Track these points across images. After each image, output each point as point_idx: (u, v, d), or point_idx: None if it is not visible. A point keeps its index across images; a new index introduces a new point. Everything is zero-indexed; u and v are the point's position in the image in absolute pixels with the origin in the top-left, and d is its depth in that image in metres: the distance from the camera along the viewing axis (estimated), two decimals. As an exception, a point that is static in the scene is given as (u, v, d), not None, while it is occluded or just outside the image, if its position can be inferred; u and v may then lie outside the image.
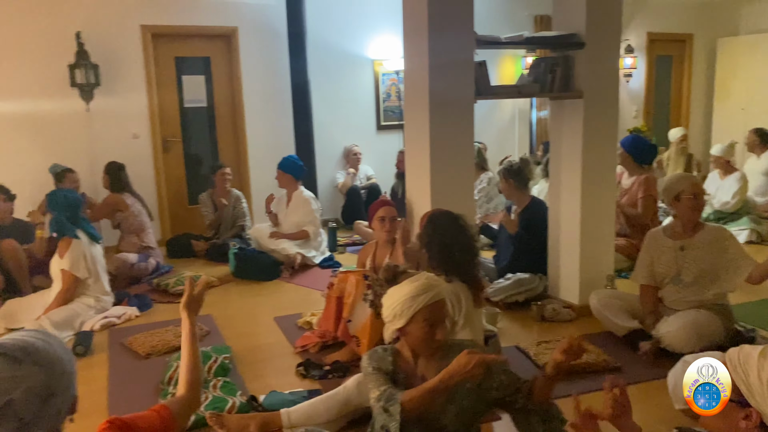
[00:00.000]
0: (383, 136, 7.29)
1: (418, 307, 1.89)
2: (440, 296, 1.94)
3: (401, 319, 1.92)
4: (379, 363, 1.97)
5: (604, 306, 3.64)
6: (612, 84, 3.97)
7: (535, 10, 7.87)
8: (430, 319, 1.90)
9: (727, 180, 6.10)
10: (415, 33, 3.43)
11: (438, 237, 2.68)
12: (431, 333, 1.90)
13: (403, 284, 1.94)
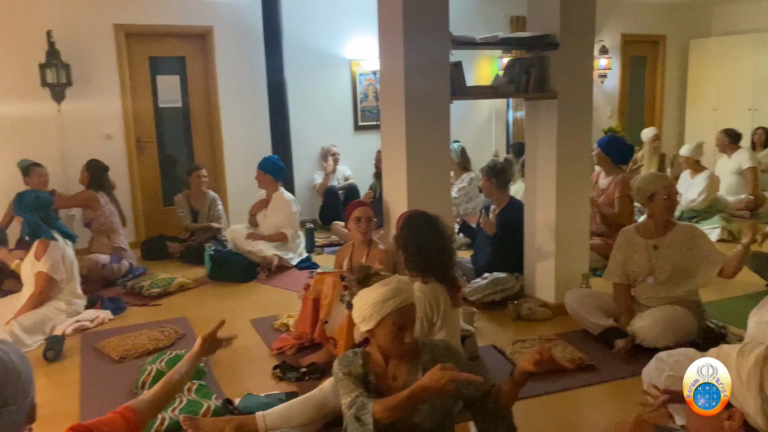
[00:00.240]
0: (361, 137, 7.28)
1: (387, 311, 1.89)
2: (409, 300, 1.94)
3: (370, 321, 1.92)
4: (350, 367, 1.97)
5: (579, 305, 3.67)
6: (586, 85, 4.01)
7: (511, 11, 7.92)
8: (399, 323, 1.90)
9: (697, 179, 6.21)
10: (390, 34, 3.42)
11: (415, 239, 2.68)
12: (400, 337, 1.90)
13: (374, 287, 1.94)
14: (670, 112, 9.77)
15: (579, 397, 3.03)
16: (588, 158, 4.19)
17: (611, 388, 3.10)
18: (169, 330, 3.83)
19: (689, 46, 9.44)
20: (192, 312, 4.28)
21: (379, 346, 1.96)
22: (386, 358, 1.99)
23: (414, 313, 1.96)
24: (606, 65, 8.78)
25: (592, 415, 2.92)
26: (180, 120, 6.62)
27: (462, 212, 6.04)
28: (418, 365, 1.96)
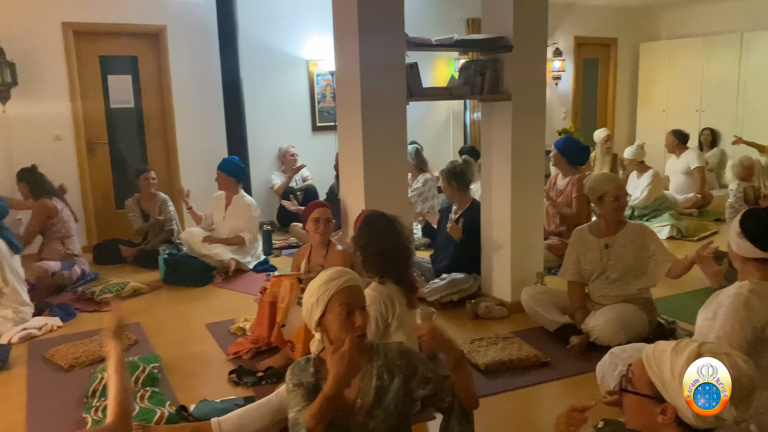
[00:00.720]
0: (319, 137, 7.24)
1: (333, 291, 1.89)
2: (354, 282, 1.94)
3: (318, 307, 1.91)
4: (300, 377, 1.95)
5: (535, 302, 3.73)
6: (539, 86, 4.08)
7: (468, 13, 7.99)
8: (347, 304, 1.89)
9: (642, 178, 6.39)
10: (345, 35, 3.41)
11: (374, 240, 2.67)
12: (350, 320, 1.88)
13: (318, 276, 1.94)
14: (621, 113, 10.02)
15: (536, 393, 3.08)
16: (541, 159, 4.25)
17: (567, 384, 3.15)
18: (122, 336, 3.72)
19: (639, 49, 9.70)
20: (146, 317, 4.18)
21: (332, 340, 1.93)
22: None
23: (362, 296, 1.95)
24: (560, 67, 8.95)
25: (549, 411, 2.96)
26: (133, 121, 6.46)
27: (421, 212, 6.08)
28: (372, 369, 1.94)
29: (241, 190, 5.36)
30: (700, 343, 1.46)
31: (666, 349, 1.47)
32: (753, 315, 2.19)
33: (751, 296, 2.21)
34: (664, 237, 5.89)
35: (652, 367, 1.47)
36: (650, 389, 1.47)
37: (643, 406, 1.48)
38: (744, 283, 2.27)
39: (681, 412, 1.43)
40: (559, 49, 8.91)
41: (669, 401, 1.44)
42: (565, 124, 9.21)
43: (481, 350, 3.40)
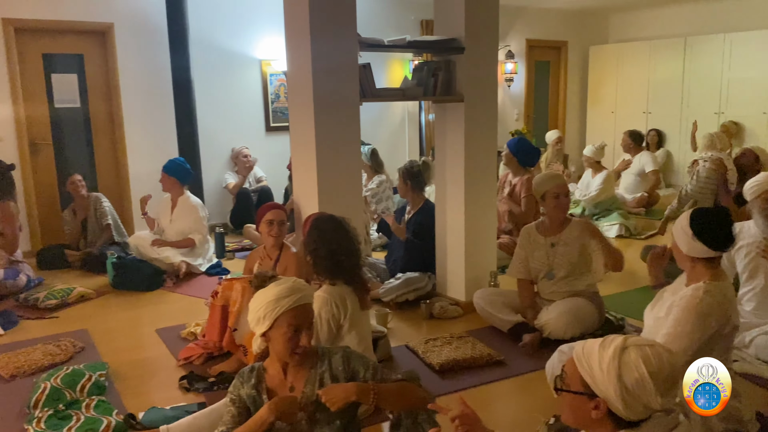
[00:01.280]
0: (273, 138, 7.16)
1: (282, 310, 1.85)
2: (306, 300, 1.91)
3: (265, 322, 1.87)
4: (241, 390, 1.93)
5: (487, 303, 3.77)
6: (491, 88, 4.12)
7: (422, 15, 8.04)
8: (295, 324, 1.86)
9: (596, 178, 6.56)
10: (297, 35, 3.38)
11: (324, 242, 2.64)
12: (295, 339, 1.86)
13: (269, 287, 1.90)
14: (572, 114, 10.24)
15: (490, 392, 3.10)
16: (494, 159, 4.31)
17: (520, 382, 3.19)
18: (66, 344, 3.60)
19: (589, 52, 9.93)
20: (93, 323, 4.05)
21: (275, 351, 1.91)
22: (284, 368, 1.94)
23: (311, 315, 1.93)
24: (512, 69, 9.09)
25: (503, 409, 3.00)
26: (79, 121, 6.25)
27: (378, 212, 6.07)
28: (316, 375, 1.93)
29: (186, 192, 5.25)
30: (624, 337, 1.51)
31: (594, 346, 1.52)
32: (707, 316, 2.27)
33: (707, 297, 2.29)
34: (613, 235, 6.05)
35: (583, 364, 1.51)
36: (582, 386, 1.51)
37: (578, 404, 1.52)
38: (699, 285, 2.34)
39: (612, 405, 1.47)
40: (512, 52, 9.05)
41: (600, 395, 1.48)
42: (518, 126, 9.36)
43: (436, 350, 3.42)
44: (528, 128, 9.43)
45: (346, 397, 1.83)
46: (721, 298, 2.30)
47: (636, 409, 1.45)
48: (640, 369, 1.43)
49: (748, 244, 3.31)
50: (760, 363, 3.08)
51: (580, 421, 1.55)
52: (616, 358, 1.46)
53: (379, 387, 1.88)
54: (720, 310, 2.29)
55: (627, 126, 8.48)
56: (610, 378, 1.44)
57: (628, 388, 1.43)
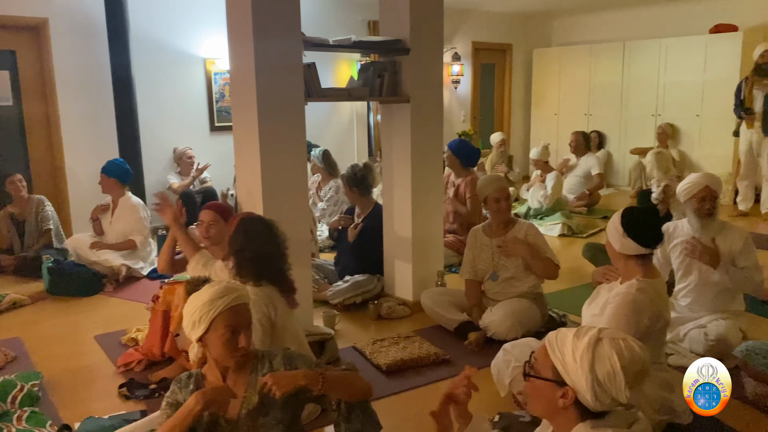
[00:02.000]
0: (218, 138, 7.03)
1: (217, 311, 1.81)
2: (242, 300, 1.87)
3: (200, 326, 1.82)
4: (177, 395, 1.88)
5: (434, 303, 3.81)
6: (437, 89, 4.15)
7: (369, 16, 8.04)
8: (232, 325, 1.82)
9: (548, 179, 6.69)
10: (239, 33, 3.31)
11: (251, 244, 2.58)
12: (234, 341, 1.82)
13: (202, 290, 1.86)
14: (517, 116, 10.44)
15: (436, 390, 3.10)
16: (440, 160, 4.34)
17: (465, 381, 3.22)
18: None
19: (533, 55, 10.14)
20: (27, 331, 3.88)
21: (214, 356, 1.86)
22: (224, 374, 1.90)
23: (248, 315, 1.89)
24: (458, 71, 9.20)
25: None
26: (12, 120, 5.99)
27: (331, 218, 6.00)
28: (256, 378, 1.89)
29: (127, 192, 5.10)
30: (599, 329, 1.55)
31: (568, 335, 1.55)
32: (639, 313, 2.34)
33: (639, 294, 2.35)
34: (555, 234, 6.20)
35: (555, 352, 1.54)
36: (552, 373, 1.53)
37: (545, 391, 1.55)
38: (632, 283, 2.41)
39: (580, 395, 1.50)
40: (458, 54, 9.15)
41: (570, 384, 1.51)
42: (465, 127, 9.47)
43: (383, 350, 3.42)
44: (474, 129, 9.57)
45: (295, 382, 1.79)
46: (653, 295, 2.38)
47: (604, 400, 1.48)
48: (613, 361, 1.47)
49: (682, 242, 3.43)
50: (694, 356, 3.20)
51: (546, 409, 1.58)
52: (590, 349, 1.49)
53: (327, 373, 1.86)
54: (652, 306, 2.36)
55: (570, 127, 8.71)
56: (583, 368, 1.47)
57: (599, 379, 1.46)
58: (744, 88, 6.74)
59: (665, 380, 2.52)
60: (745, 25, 7.89)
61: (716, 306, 3.34)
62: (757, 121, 6.66)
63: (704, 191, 3.34)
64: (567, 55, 9.72)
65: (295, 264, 3.48)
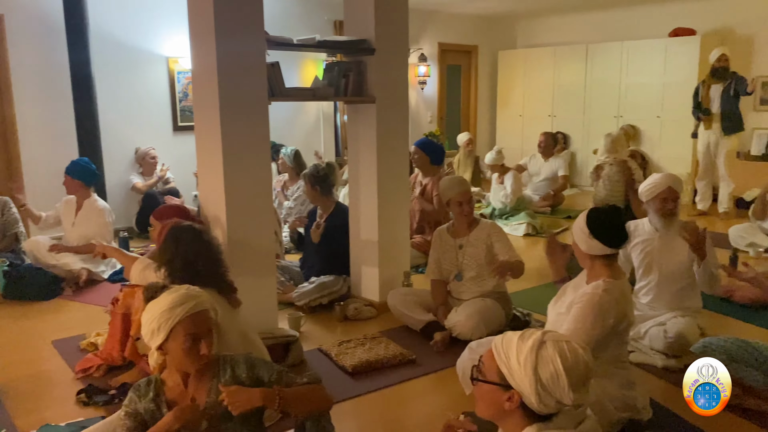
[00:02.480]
0: (181, 137, 6.91)
1: (177, 319, 1.78)
2: (202, 306, 1.84)
3: (160, 334, 1.79)
4: (137, 404, 1.84)
5: (400, 303, 3.81)
6: (402, 90, 4.15)
7: (336, 16, 8.01)
8: (192, 332, 1.79)
9: (506, 180, 6.77)
10: (201, 31, 3.26)
11: (181, 253, 2.54)
12: (195, 348, 1.79)
13: (161, 297, 1.82)
14: (482, 117, 10.53)
15: (402, 391, 3.12)
16: (406, 160, 4.34)
17: (431, 380, 3.23)
18: (-51, 361, 3.32)
19: (498, 57, 10.24)
20: (-20, 337, 3.76)
21: (175, 365, 1.83)
22: (185, 379, 1.86)
23: (209, 321, 1.86)
24: (425, 72, 9.23)
25: (415, 407, 3.01)
26: (-36, 119, 5.80)
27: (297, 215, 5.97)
28: (218, 384, 1.86)
29: (93, 194, 4.97)
30: (543, 331, 1.55)
31: (513, 338, 1.55)
32: (605, 313, 2.37)
33: (605, 295, 2.39)
34: (521, 234, 6.27)
35: (501, 356, 1.54)
36: (498, 377, 1.53)
37: (492, 395, 1.55)
38: (598, 284, 2.43)
39: (525, 398, 1.50)
40: (424, 55, 9.19)
41: (515, 387, 1.51)
42: (432, 128, 9.52)
43: (349, 352, 3.40)
44: (441, 130, 9.61)
45: (250, 401, 1.77)
46: (618, 296, 2.42)
47: (548, 403, 1.48)
48: (556, 363, 1.47)
49: (643, 241, 3.50)
50: (654, 353, 3.27)
51: (493, 413, 1.58)
52: (534, 352, 1.49)
53: (284, 392, 1.83)
54: (618, 307, 2.40)
55: (534, 128, 8.82)
56: (527, 371, 1.48)
57: (542, 381, 1.47)
58: (701, 91, 6.92)
59: (628, 379, 2.56)
60: (703, 29, 8.10)
61: (675, 303, 3.41)
62: (715, 122, 6.85)
63: (666, 192, 3.41)
64: (531, 57, 9.84)
65: (259, 266, 3.47)
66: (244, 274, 3.19)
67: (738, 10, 7.96)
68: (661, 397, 2.91)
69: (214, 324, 1.88)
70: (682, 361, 3.19)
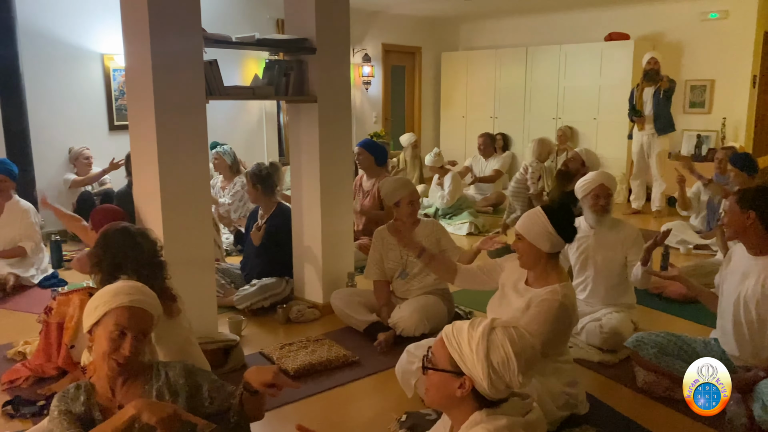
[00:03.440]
0: (117, 137, 6.67)
1: (114, 305, 1.74)
2: (144, 305, 1.79)
3: (95, 314, 1.76)
4: (69, 405, 1.76)
5: (343, 304, 3.79)
6: (344, 90, 4.13)
7: (278, 14, 7.92)
8: (122, 324, 1.74)
9: (445, 181, 6.86)
10: (135, 28, 3.15)
11: (109, 256, 2.46)
12: (118, 342, 1.73)
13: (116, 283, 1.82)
14: (426, 118, 10.61)
15: (346, 392, 3.11)
16: (350, 161, 4.33)
17: (374, 381, 3.22)
18: None
19: (441, 58, 10.35)
20: None
21: (96, 358, 1.76)
22: (113, 386, 1.80)
23: (144, 324, 1.80)
24: (369, 73, 9.24)
25: (357, 409, 3.01)
26: None
27: (238, 217, 5.87)
28: (151, 390, 1.80)
29: (15, 195, 4.75)
30: (492, 318, 1.62)
31: (463, 326, 1.60)
32: (563, 318, 2.45)
33: (565, 301, 2.46)
34: (464, 233, 6.36)
35: (452, 343, 1.58)
36: (450, 364, 1.57)
37: (443, 382, 1.58)
38: (555, 289, 2.49)
39: (477, 384, 1.55)
40: (368, 55, 9.19)
41: (467, 373, 1.55)
42: (377, 128, 9.53)
43: (291, 355, 3.36)
44: (386, 131, 9.64)
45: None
46: (573, 299, 2.53)
47: (499, 387, 1.54)
48: (506, 348, 1.53)
49: (579, 238, 3.59)
50: (590, 348, 3.36)
51: (444, 401, 1.62)
52: (485, 337, 1.54)
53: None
54: (573, 311, 2.51)
55: (477, 130, 8.94)
56: (479, 356, 1.52)
57: (494, 366, 1.52)
58: (636, 94, 7.19)
59: (572, 377, 2.63)
60: (636, 34, 8.40)
61: (610, 299, 3.51)
62: (648, 124, 7.12)
63: (599, 189, 3.54)
64: (473, 59, 9.98)
65: (198, 268, 3.39)
66: (182, 277, 3.09)
67: (668, 17, 8.30)
68: (598, 392, 2.99)
69: (148, 330, 1.81)
70: (617, 355, 3.30)
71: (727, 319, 2.83)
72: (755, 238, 2.71)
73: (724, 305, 2.86)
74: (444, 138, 10.38)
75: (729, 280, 2.85)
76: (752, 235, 2.71)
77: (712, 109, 8.10)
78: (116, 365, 1.73)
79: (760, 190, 2.77)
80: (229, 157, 6.00)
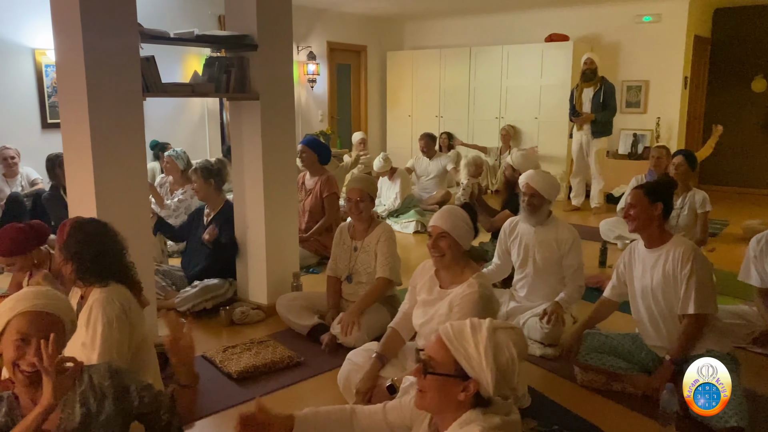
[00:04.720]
0: (51, 135, 6.39)
1: (16, 311, 1.66)
2: (46, 308, 1.69)
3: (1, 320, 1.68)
4: None
5: (285, 310, 3.76)
6: (287, 87, 4.08)
7: (219, 10, 7.75)
8: (23, 331, 1.65)
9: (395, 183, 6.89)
10: (66, 22, 3.02)
11: (90, 245, 2.38)
12: (22, 350, 1.65)
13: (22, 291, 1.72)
14: (373, 117, 10.62)
15: (290, 394, 3.07)
16: (293, 159, 4.28)
17: (320, 381, 3.20)
18: None
19: (387, 57, 10.37)
20: None
21: (7, 369, 1.69)
22: (32, 397, 1.71)
23: (52, 329, 1.69)
24: (314, 71, 9.17)
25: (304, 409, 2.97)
26: None
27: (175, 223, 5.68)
28: (75, 396, 1.73)
29: None
30: (488, 319, 1.60)
31: (464, 329, 1.56)
32: (486, 307, 2.48)
33: (484, 290, 2.51)
34: (410, 231, 6.40)
35: (456, 347, 1.54)
36: (455, 369, 1.53)
37: (445, 387, 1.54)
38: (472, 282, 2.52)
39: (482, 387, 1.52)
40: (313, 53, 9.12)
41: (473, 376, 1.52)
42: (323, 126, 9.47)
43: (234, 357, 3.30)
44: (332, 129, 9.59)
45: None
46: (490, 286, 2.59)
47: (503, 389, 1.53)
48: (510, 350, 1.52)
49: (520, 236, 3.66)
50: (532, 342, 3.43)
51: (444, 405, 1.57)
52: (491, 340, 1.52)
53: None
54: (493, 296, 2.56)
55: (422, 129, 8.98)
56: (488, 359, 1.49)
57: (501, 368, 1.50)
58: (575, 94, 7.38)
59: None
60: (575, 35, 8.63)
61: (550, 295, 3.59)
62: (586, 124, 7.33)
63: (525, 188, 3.64)
64: (419, 59, 10.04)
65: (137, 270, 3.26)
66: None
67: (605, 19, 8.56)
68: (539, 385, 3.05)
69: (60, 334, 1.71)
70: (558, 349, 3.38)
71: (642, 313, 2.98)
72: (657, 230, 2.86)
73: (637, 301, 3.00)
74: (390, 137, 10.41)
75: (636, 278, 2.98)
76: (655, 227, 2.85)
77: (647, 108, 8.42)
78: (23, 375, 1.65)
79: (665, 183, 2.94)
80: (182, 162, 5.71)
